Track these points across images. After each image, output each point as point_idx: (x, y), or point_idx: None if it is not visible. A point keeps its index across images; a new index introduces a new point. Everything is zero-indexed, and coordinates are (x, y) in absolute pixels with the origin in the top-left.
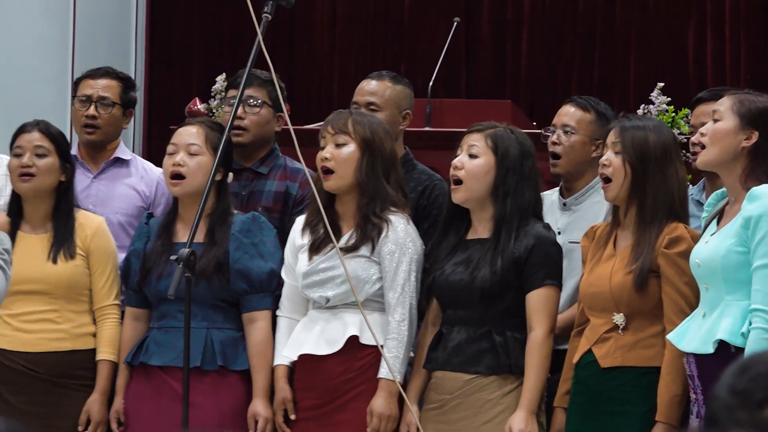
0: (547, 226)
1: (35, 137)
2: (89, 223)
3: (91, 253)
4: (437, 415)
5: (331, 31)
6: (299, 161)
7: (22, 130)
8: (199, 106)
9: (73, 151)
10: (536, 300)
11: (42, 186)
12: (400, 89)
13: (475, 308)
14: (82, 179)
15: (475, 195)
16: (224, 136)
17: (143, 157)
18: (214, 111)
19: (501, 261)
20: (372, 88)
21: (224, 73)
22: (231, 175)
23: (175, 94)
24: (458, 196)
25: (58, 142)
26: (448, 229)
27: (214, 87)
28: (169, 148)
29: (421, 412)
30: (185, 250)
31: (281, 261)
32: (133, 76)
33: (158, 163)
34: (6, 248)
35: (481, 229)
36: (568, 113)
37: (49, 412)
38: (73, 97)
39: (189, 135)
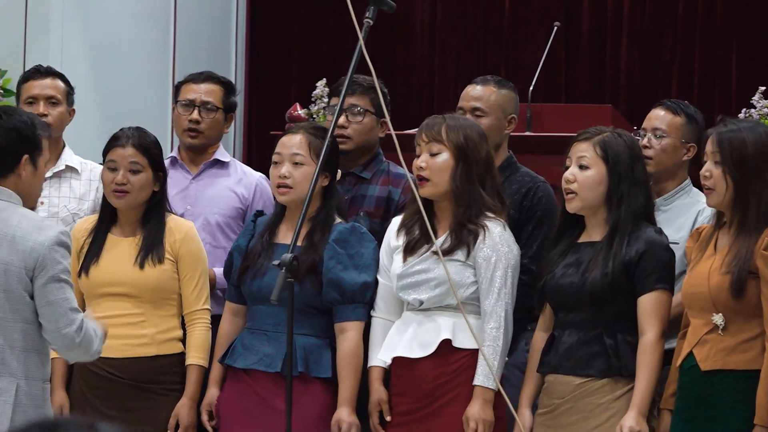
0: (659, 230)
1: (129, 153)
2: (179, 227)
3: (180, 257)
4: (548, 420)
5: (431, 36)
6: (402, 166)
7: (117, 143)
8: (299, 111)
9: (174, 152)
10: (648, 304)
11: (135, 201)
12: (505, 93)
13: (585, 311)
14: (181, 180)
15: (589, 204)
16: (325, 145)
17: (243, 161)
18: (314, 116)
19: (612, 264)
20: (477, 93)
21: (324, 79)
22: (339, 172)
23: (275, 99)
24: (572, 205)
25: (151, 154)
26: (562, 234)
27: (314, 92)
28: (275, 158)
29: (533, 417)
30: (288, 255)
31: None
32: (233, 80)
33: (258, 168)
34: (65, 267)
35: (594, 232)
36: (659, 117)
37: (135, 417)
38: (175, 101)
39: (293, 145)
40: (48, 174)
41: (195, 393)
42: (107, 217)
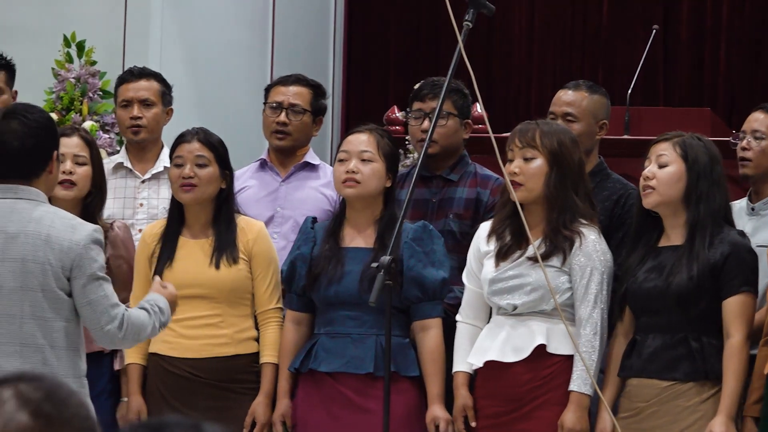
0: (742, 233)
1: (195, 147)
2: (250, 227)
3: (253, 257)
4: (632, 423)
5: (529, 39)
6: (497, 170)
7: (182, 139)
8: (397, 114)
9: (264, 155)
10: (733, 306)
11: (203, 196)
12: (596, 99)
13: (670, 314)
14: (270, 183)
15: (667, 200)
16: (422, 153)
17: None
18: None
19: (697, 267)
20: (569, 98)
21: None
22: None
23: (372, 101)
24: (650, 200)
25: (218, 150)
26: (639, 238)
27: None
28: (340, 155)
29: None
30: (386, 258)
31: (450, 269)
32: (330, 84)
33: None
34: (101, 264)
35: (673, 236)
36: (758, 119)
37: (214, 416)
38: (264, 103)
39: (360, 142)
40: (147, 176)
41: (270, 391)
42: (176, 220)
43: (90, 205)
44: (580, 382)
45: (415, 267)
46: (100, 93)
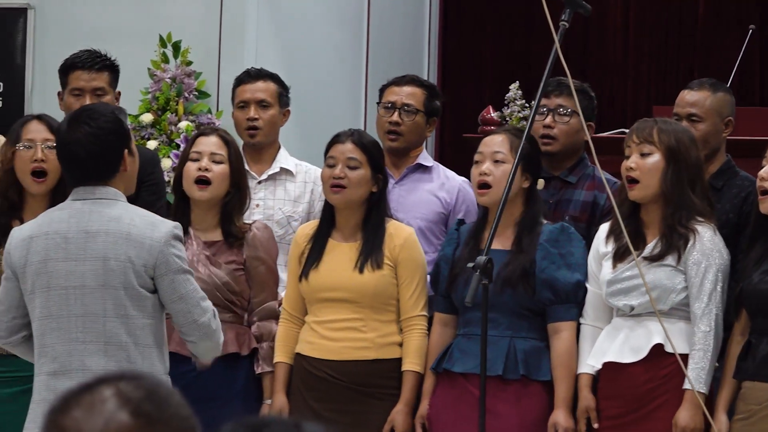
0: None
1: (348, 148)
2: (399, 233)
3: (399, 263)
4: (745, 426)
5: (624, 39)
6: (596, 166)
7: (336, 140)
8: (492, 114)
9: None
10: None
11: (353, 198)
12: (720, 96)
13: None
14: None
15: None
16: (521, 142)
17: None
18: (507, 119)
19: None
20: (692, 98)
21: (517, 81)
22: (541, 182)
23: (467, 101)
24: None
25: (371, 153)
26: (756, 239)
27: (507, 95)
28: (476, 157)
29: (729, 423)
30: (482, 258)
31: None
32: None
33: (452, 170)
34: (184, 258)
35: None
36: None
37: (352, 420)
38: (378, 103)
39: (495, 144)
40: (263, 176)
41: (411, 399)
42: (327, 222)
43: (228, 205)
44: (695, 380)
45: (548, 269)
46: (196, 93)
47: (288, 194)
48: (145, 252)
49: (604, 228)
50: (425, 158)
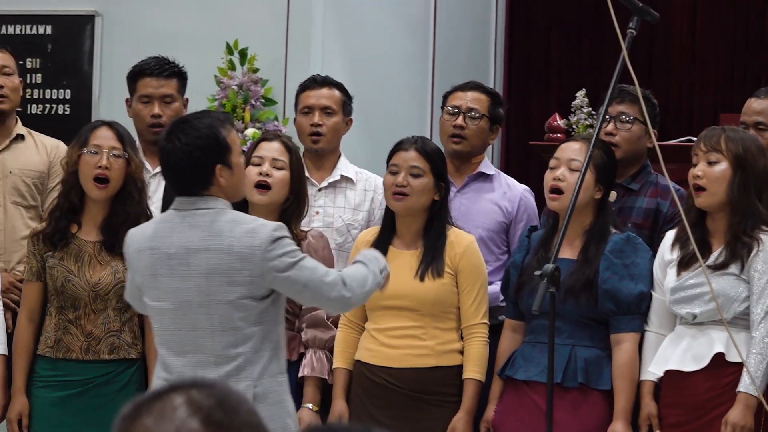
0: None
1: (411, 156)
2: (460, 241)
3: (460, 271)
4: None
5: (690, 46)
6: (664, 175)
7: (400, 147)
8: (558, 122)
9: None
10: None
11: (415, 205)
12: None
13: None
14: None
15: None
16: (589, 148)
17: (502, 171)
18: (573, 127)
19: None
20: (759, 106)
21: (584, 89)
22: (613, 194)
23: (534, 108)
24: None
25: (434, 161)
26: None
27: (573, 102)
28: (552, 162)
29: None
30: (549, 266)
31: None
32: None
33: (517, 178)
34: (291, 249)
35: None
36: None
37: (412, 427)
38: (442, 108)
39: (572, 151)
40: (323, 184)
41: (472, 407)
42: (388, 229)
43: (287, 212)
44: (749, 383)
45: (610, 280)
46: (263, 100)
47: (348, 202)
48: (248, 263)
49: (669, 235)
50: (487, 166)
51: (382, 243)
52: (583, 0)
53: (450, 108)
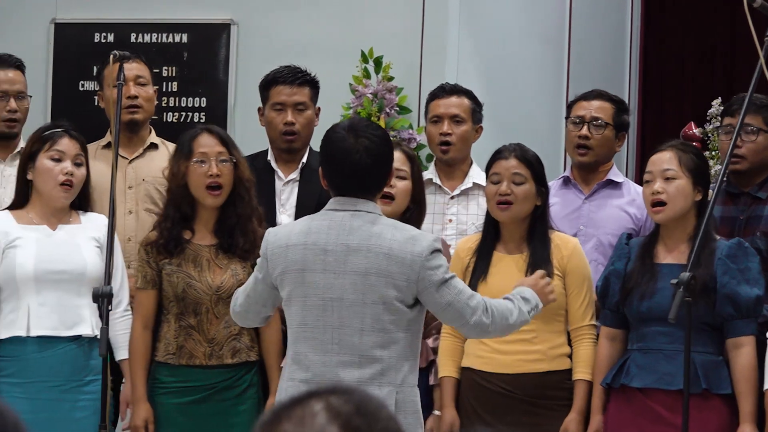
0: None
1: (512, 164)
2: (565, 244)
3: (567, 273)
4: None
5: None
6: None
7: (499, 155)
8: (694, 131)
9: (567, 172)
10: None
11: (519, 213)
12: None
13: None
14: (573, 200)
15: None
16: (723, 168)
17: (636, 180)
18: (709, 136)
19: None
20: None
21: (720, 97)
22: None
23: (668, 117)
24: None
25: (534, 167)
26: None
27: (709, 111)
28: (646, 176)
29: None
30: (686, 274)
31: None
32: (626, 99)
33: None
34: (446, 267)
35: None
36: None
37: None
38: (566, 118)
39: (663, 161)
40: (455, 192)
41: (583, 408)
42: (491, 235)
43: (408, 220)
44: None
45: (729, 284)
46: (397, 109)
47: (481, 209)
48: (407, 268)
49: None
50: (615, 174)
51: (486, 249)
52: (719, 7)
53: (574, 118)
